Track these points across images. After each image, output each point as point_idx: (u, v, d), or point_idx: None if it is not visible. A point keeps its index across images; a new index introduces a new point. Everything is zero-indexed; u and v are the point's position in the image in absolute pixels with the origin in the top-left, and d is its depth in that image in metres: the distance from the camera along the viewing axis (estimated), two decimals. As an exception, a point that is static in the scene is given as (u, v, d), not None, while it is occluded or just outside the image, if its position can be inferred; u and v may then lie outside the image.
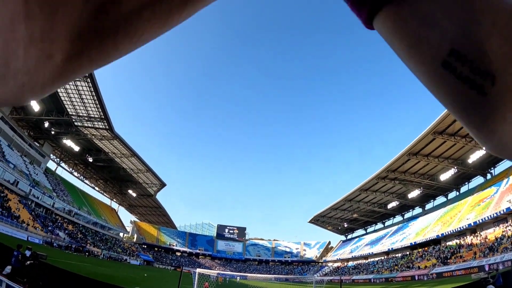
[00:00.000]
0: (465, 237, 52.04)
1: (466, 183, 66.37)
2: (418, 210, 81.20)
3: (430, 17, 0.34)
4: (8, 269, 12.58)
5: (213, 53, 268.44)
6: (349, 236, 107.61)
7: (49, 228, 59.53)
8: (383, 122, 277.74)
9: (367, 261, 78.25)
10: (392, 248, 70.66)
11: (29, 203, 59.34)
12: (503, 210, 44.72)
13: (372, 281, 62.64)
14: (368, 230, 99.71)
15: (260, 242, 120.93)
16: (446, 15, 0.33)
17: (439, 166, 60.32)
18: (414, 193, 70.78)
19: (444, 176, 61.29)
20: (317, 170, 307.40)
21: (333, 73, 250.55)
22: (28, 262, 12.87)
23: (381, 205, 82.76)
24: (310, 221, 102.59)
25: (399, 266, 61.41)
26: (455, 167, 58.19)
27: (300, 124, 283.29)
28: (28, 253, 14.07)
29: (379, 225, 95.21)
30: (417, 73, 0.39)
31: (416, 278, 50.67)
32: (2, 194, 50.73)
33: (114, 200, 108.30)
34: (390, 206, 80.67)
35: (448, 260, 48.48)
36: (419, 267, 54.42)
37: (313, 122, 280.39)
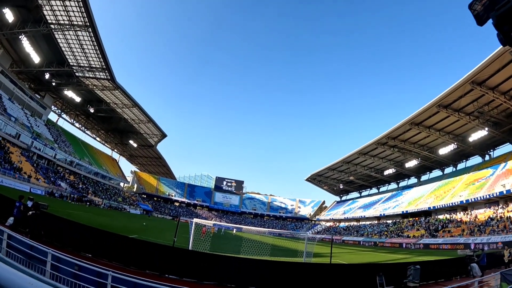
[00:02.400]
0: (455, 213, 53.50)
1: (464, 160, 67.11)
2: (413, 180, 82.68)
3: None
4: (10, 220, 13.06)
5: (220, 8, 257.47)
6: (344, 198, 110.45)
7: (51, 179, 60.78)
8: (390, 89, 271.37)
9: (358, 224, 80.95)
10: (384, 214, 72.74)
11: (31, 155, 60.07)
12: (496, 193, 45.54)
13: (361, 243, 65.01)
14: (363, 194, 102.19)
15: (257, 196, 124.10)
16: None
17: (439, 140, 60.47)
18: (411, 163, 71.53)
19: (443, 151, 61.61)
20: (320, 131, 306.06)
21: (339, 34, 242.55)
22: (30, 212, 13.21)
23: (378, 171, 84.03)
24: (307, 179, 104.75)
25: (389, 232, 63.60)
26: (455, 143, 58.36)
27: (305, 82, 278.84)
28: (29, 203, 14.39)
29: (374, 190, 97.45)
30: None
31: (404, 246, 52.42)
32: (4, 148, 51.37)
33: (115, 150, 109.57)
34: (386, 172, 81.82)
35: (437, 233, 50.14)
36: (408, 236, 56.30)
37: (320, 82, 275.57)
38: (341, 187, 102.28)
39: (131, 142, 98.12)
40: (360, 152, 75.44)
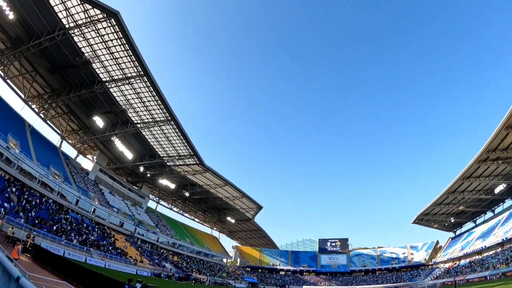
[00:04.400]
0: None
1: None
2: (530, 188, 70.11)
3: None
4: None
5: (290, 66, 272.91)
6: (458, 232, 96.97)
7: (156, 261, 65.50)
8: (467, 101, 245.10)
9: (480, 257, 69.55)
10: (506, 238, 61.63)
11: (135, 240, 66.54)
12: None
13: (488, 278, 55.43)
14: (478, 222, 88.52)
15: (364, 251, 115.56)
16: None
17: (545, 134, 52.28)
18: (521, 170, 61.88)
19: (554, 144, 52.77)
20: (411, 167, 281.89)
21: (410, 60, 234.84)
22: None
23: (487, 191, 73.53)
24: (414, 222, 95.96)
25: (516, 257, 53.94)
26: None
27: (385, 122, 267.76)
28: (138, 285, 15.98)
29: (489, 214, 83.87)
30: None
31: (537, 267, 43.94)
32: (109, 235, 58.32)
33: (214, 228, 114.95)
34: (497, 190, 70.79)
35: None
36: (539, 255, 47.23)
37: (399, 114, 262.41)
38: (452, 220, 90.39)
39: (228, 218, 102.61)
40: (462, 177, 67.87)
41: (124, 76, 49.38)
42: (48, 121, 58.40)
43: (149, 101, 53.60)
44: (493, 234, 69.43)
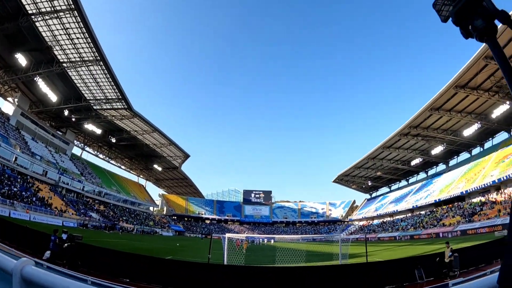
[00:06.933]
0: (489, 194, 51.15)
1: (490, 138, 64.30)
2: (442, 166, 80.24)
3: None
4: (47, 254, 13.29)
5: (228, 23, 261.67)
6: (374, 194, 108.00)
7: (82, 211, 62.19)
8: (403, 78, 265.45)
9: (392, 219, 78.61)
10: (416, 206, 70.60)
11: (60, 190, 61.99)
12: (528, 167, 43.35)
13: (397, 238, 62.82)
14: (392, 188, 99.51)
15: (286, 204, 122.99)
16: None
17: (462, 121, 58.45)
18: (437, 149, 69.60)
19: (468, 132, 59.47)
20: (339, 131, 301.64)
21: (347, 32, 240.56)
22: (66, 244, 13.56)
23: (405, 162, 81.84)
24: (335, 181, 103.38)
25: (424, 223, 61.43)
26: (479, 122, 56.18)
27: (319, 86, 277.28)
28: (64, 236, 14.68)
29: (403, 183, 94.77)
30: None
31: (441, 235, 50.15)
32: (33, 186, 53.21)
33: (141, 176, 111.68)
34: (413, 163, 79.64)
35: (473, 218, 48.03)
36: (444, 224, 54.21)
37: (333, 82, 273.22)
38: (369, 184, 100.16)
39: (155, 166, 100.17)
40: (383, 146, 73.90)
41: (52, 8, 42.88)
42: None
43: (77, 38, 47.88)
44: (405, 201, 78.17)
